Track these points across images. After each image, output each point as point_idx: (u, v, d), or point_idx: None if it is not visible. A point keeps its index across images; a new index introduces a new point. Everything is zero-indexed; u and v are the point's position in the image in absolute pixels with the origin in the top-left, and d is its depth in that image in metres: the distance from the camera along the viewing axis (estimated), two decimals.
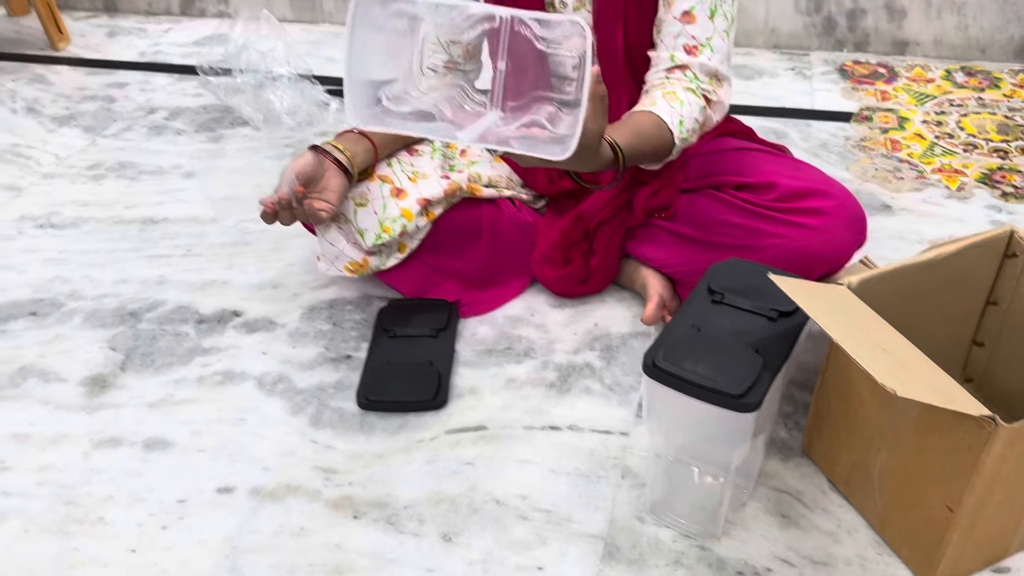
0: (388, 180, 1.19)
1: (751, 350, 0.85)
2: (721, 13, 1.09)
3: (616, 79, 1.15)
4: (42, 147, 1.78)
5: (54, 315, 1.31)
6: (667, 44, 1.10)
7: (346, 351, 1.22)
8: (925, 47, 1.93)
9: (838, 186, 1.13)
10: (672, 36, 1.10)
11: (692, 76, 1.09)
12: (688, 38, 1.09)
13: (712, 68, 1.10)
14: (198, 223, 1.52)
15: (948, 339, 1.05)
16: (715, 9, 1.09)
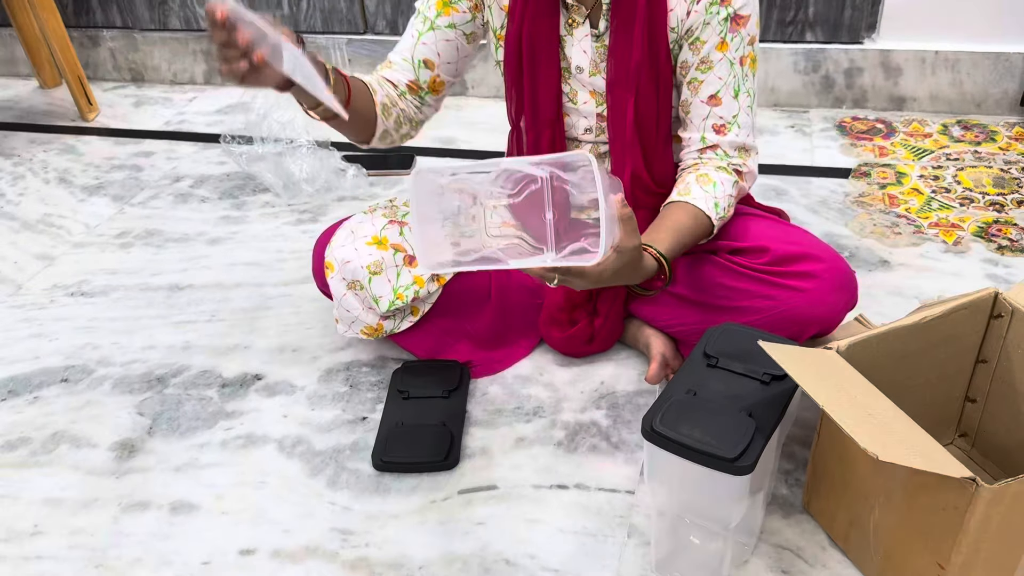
0: (401, 249, 1.24)
1: (744, 414, 0.89)
2: (744, 91, 1.17)
3: (623, 145, 1.21)
4: (73, 216, 1.86)
5: (85, 381, 1.38)
6: (697, 125, 1.19)
7: (362, 412, 1.27)
8: (922, 102, 1.99)
9: (828, 250, 1.18)
10: (701, 118, 1.18)
11: (723, 154, 1.19)
12: (716, 118, 1.17)
13: (740, 143, 1.18)
14: (222, 288, 1.58)
15: (941, 396, 1.09)
16: (739, 88, 1.16)
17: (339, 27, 2.29)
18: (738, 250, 1.20)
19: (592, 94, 1.22)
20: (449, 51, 1.24)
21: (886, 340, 0.98)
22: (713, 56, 1.15)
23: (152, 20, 2.41)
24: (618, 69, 1.17)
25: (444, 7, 1.21)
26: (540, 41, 1.18)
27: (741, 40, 1.14)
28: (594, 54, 1.19)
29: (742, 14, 1.13)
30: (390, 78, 1.25)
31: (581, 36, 1.18)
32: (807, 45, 1.99)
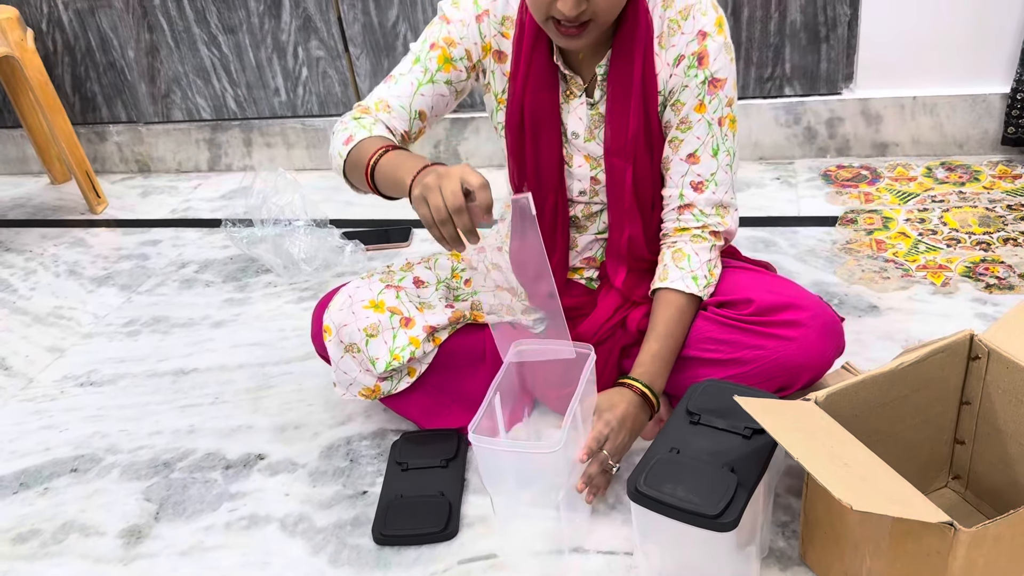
0: (397, 311, 1.27)
1: (727, 469, 0.91)
2: (724, 150, 1.21)
3: (622, 211, 1.26)
4: (82, 307, 1.92)
5: (94, 470, 1.41)
6: (676, 182, 1.23)
7: (362, 487, 1.29)
8: (904, 147, 2.02)
9: (812, 298, 1.20)
10: (680, 175, 1.23)
11: (698, 214, 1.23)
12: (694, 176, 1.22)
13: (717, 200, 1.23)
14: (225, 370, 1.62)
15: (930, 439, 1.10)
16: (717, 148, 1.21)
17: (335, 110, 2.37)
18: (724, 303, 1.23)
19: (587, 158, 1.26)
20: (440, 105, 1.27)
21: (865, 388, 1.00)
22: (692, 117, 1.19)
23: (156, 113, 2.50)
24: (615, 139, 1.21)
25: (445, 63, 1.23)
26: (542, 113, 1.22)
27: (719, 102, 1.19)
28: (589, 121, 1.24)
29: (719, 77, 1.17)
30: (389, 124, 1.24)
31: (577, 104, 1.23)
32: (787, 99, 2.04)
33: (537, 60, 1.19)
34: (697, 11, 1.15)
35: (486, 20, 1.22)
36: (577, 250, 1.36)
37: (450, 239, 1.01)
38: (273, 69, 2.33)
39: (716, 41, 1.16)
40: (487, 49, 1.24)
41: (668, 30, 1.17)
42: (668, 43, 1.17)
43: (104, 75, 2.48)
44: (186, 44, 2.35)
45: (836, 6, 1.92)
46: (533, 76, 1.20)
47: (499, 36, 1.23)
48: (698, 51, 1.16)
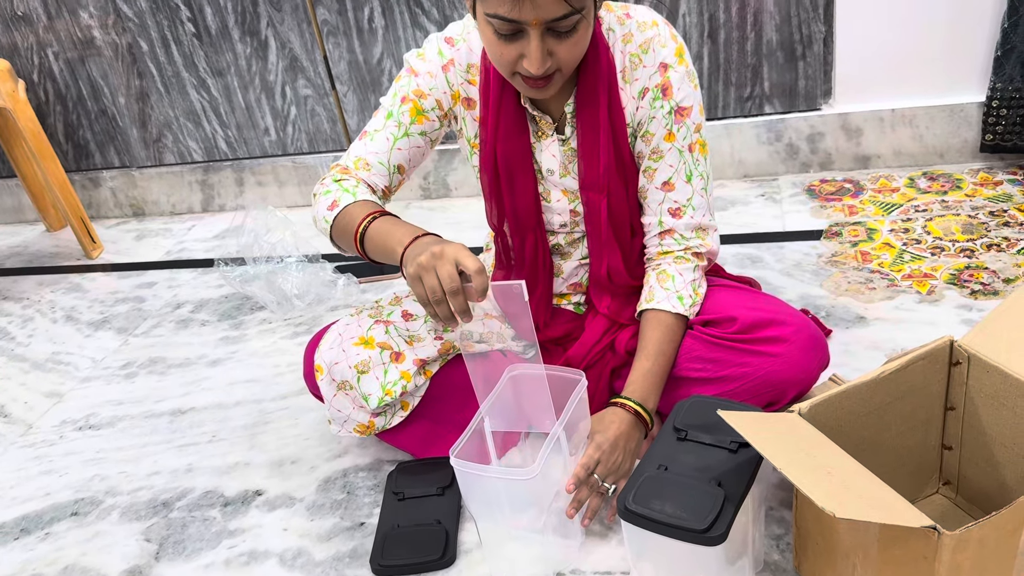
0: (387, 347, 1.29)
1: (714, 484, 0.92)
2: (697, 174, 1.24)
3: (600, 243, 1.28)
4: (80, 352, 1.93)
5: (94, 513, 1.42)
6: (654, 210, 1.26)
7: (360, 518, 1.30)
8: (886, 159, 2.05)
9: (795, 313, 1.22)
10: (657, 203, 1.26)
11: (680, 238, 1.26)
12: (671, 203, 1.25)
13: (696, 223, 1.26)
14: (222, 408, 1.63)
15: (918, 446, 1.11)
16: (691, 173, 1.24)
17: (324, 146, 2.40)
18: (708, 322, 1.25)
19: (564, 192, 1.28)
20: (416, 156, 1.30)
21: (848, 398, 1.01)
22: (663, 146, 1.22)
23: (148, 157, 2.54)
24: (588, 173, 1.24)
25: (418, 115, 1.26)
26: (515, 157, 1.25)
27: (688, 129, 1.21)
28: (563, 157, 1.26)
29: (684, 106, 1.20)
30: (370, 182, 1.27)
31: (549, 143, 1.26)
32: (767, 117, 2.07)
33: (506, 106, 1.21)
34: (656, 44, 1.18)
35: (452, 69, 1.24)
36: (563, 277, 1.38)
37: (444, 318, 1.04)
38: (262, 109, 2.37)
39: (678, 71, 1.19)
40: (456, 97, 1.26)
41: (630, 64, 1.19)
42: (631, 77, 1.20)
43: (96, 122, 2.51)
44: (176, 89, 2.39)
45: (811, 24, 1.95)
46: (503, 122, 1.22)
47: (466, 83, 1.25)
48: (661, 83, 1.18)
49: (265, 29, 2.25)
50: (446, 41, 1.25)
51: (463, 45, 1.24)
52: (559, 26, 1.03)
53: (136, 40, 2.34)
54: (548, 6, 1.00)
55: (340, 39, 2.22)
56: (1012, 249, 1.66)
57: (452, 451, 1.05)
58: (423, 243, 1.06)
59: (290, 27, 2.23)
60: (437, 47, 1.25)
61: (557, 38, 1.05)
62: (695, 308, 1.26)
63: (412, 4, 2.13)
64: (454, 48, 1.24)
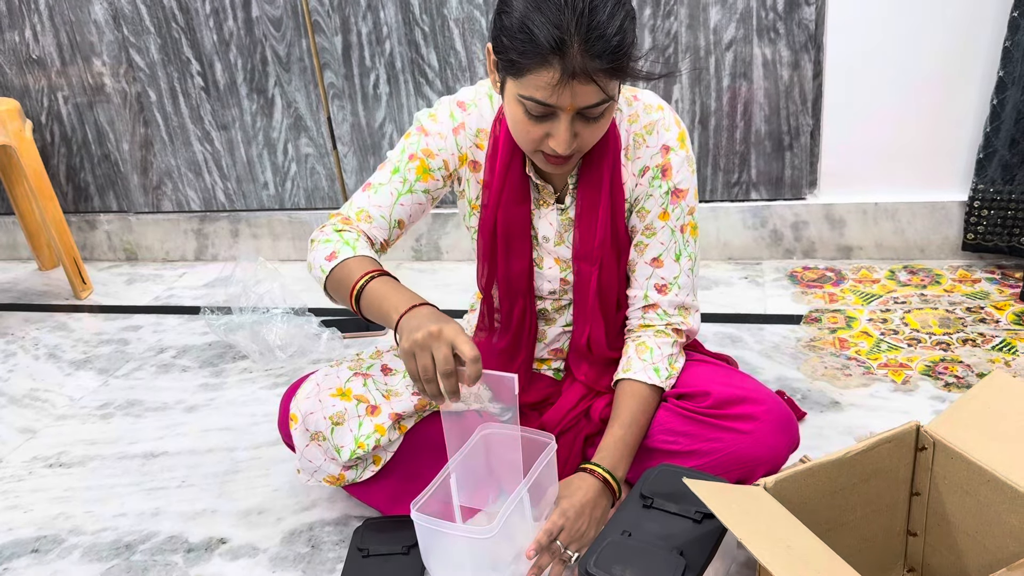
0: (364, 399, 1.29)
1: (676, 553, 0.92)
2: (686, 255, 1.28)
3: (585, 313, 1.31)
4: (58, 390, 1.93)
5: (55, 551, 1.40)
6: (641, 283, 1.29)
7: (321, 573, 1.28)
8: (868, 250, 2.09)
9: (767, 393, 1.24)
10: (645, 277, 1.29)
11: (662, 314, 1.29)
12: (658, 279, 1.28)
13: (680, 302, 1.29)
14: (195, 455, 1.62)
15: (882, 530, 1.11)
16: (680, 253, 1.27)
17: (321, 204, 2.44)
18: (682, 395, 1.26)
19: (557, 261, 1.31)
20: (417, 213, 1.31)
21: (814, 475, 1.02)
22: (656, 224, 1.25)
23: (146, 204, 2.58)
24: (583, 245, 1.27)
25: (424, 174, 1.28)
26: (515, 224, 1.28)
27: (681, 211, 1.25)
28: (559, 226, 1.29)
29: (681, 188, 1.24)
30: (370, 234, 1.28)
31: (548, 211, 1.29)
32: (753, 203, 2.12)
33: (512, 173, 1.24)
34: (661, 127, 1.23)
35: (462, 132, 1.28)
36: (546, 342, 1.40)
37: (432, 395, 1.06)
38: (263, 164, 2.42)
39: (679, 155, 1.23)
40: (463, 159, 1.29)
41: (634, 143, 1.24)
42: (634, 155, 1.24)
43: (98, 166, 2.56)
44: (180, 139, 2.45)
45: (799, 117, 2.02)
46: (508, 188, 1.25)
47: (474, 147, 1.29)
48: (662, 164, 1.23)
49: (272, 88, 2.31)
50: (458, 105, 1.28)
51: (475, 111, 1.27)
52: (590, 112, 1.06)
53: (145, 89, 2.41)
54: (585, 95, 1.03)
55: (345, 102, 2.28)
56: (987, 345, 1.69)
57: (414, 505, 1.05)
58: (420, 316, 1.07)
59: (297, 87, 2.30)
60: (450, 110, 1.28)
61: (585, 122, 1.08)
62: (671, 381, 1.27)
63: (416, 74, 2.20)
64: (466, 112, 1.28)
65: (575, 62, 1.00)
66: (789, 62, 1.98)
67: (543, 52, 1.00)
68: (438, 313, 1.10)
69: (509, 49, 1.03)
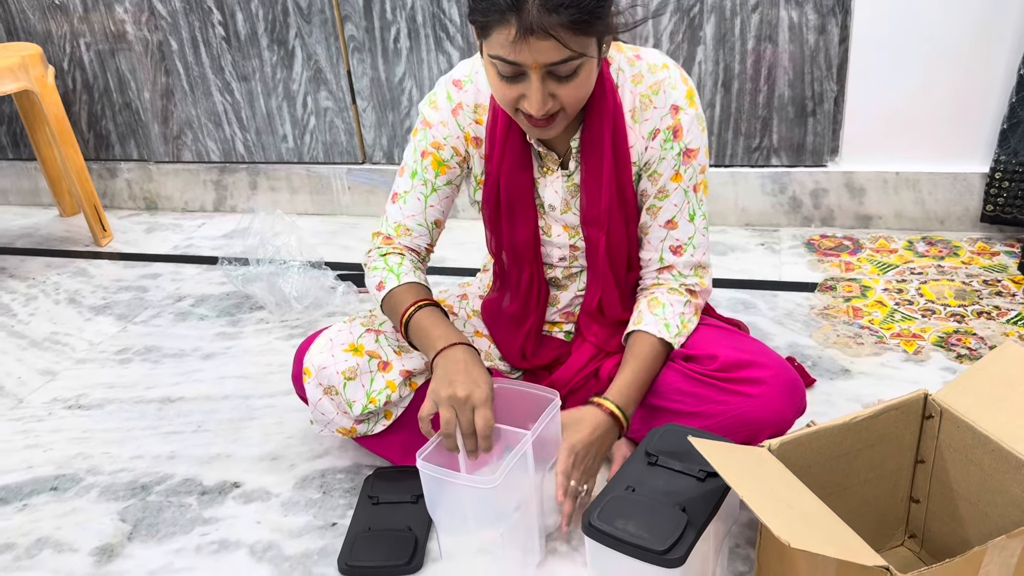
0: (376, 355, 1.31)
1: (678, 509, 0.94)
2: (699, 214, 1.28)
3: (596, 275, 1.31)
4: (78, 334, 1.96)
5: (73, 489, 1.43)
6: (655, 246, 1.30)
7: (332, 519, 1.31)
8: (887, 220, 2.08)
9: (775, 357, 1.24)
10: (659, 240, 1.29)
11: (677, 275, 1.30)
12: (673, 240, 1.28)
13: (695, 261, 1.29)
14: (210, 400, 1.65)
15: (885, 496, 1.12)
16: (693, 213, 1.27)
17: (339, 158, 2.44)
18: (690, 357, 1.27)
19: (565, 228, 1.31)
20: (448, 204, 1.35)
21: (818, 439, 1.03)
22: (669, 186, 1.25)
23: (167, 153, 2.59)
24: (590, 210, 1.27)
25: (440, 167, 1.30)
26: (517, 192, 1.28)
27: (694, 170, 1.25)
28: (565, 193, 1.29)
29: (692, 148, 1.24)
30: (414, 247, 1.34)
31: (553, 179, 1.29)
32: (773, 169, 2.10)
33: (512, 142, 1.25)
34: (668, 86, 1.21)
35: (460, 112, 1.28)
36: (558, 306, 1.40)
37: (449, 448, 1.13)
38: (282, 116, 2.42)
39: (688, 114, 1.22)
40: (468, 138, 1.30)
41: (640, 105, 1.22)
42: (641, 117, 1.23)
43: (119, 114, 2.57)
44: (200, 89, 2.45)
45: (823, 83, 2.00)
46: (508, 157, 1.25)
47: (473, 123, 1.29)
48: (672, 125, 1.22)
49: (293, 39, 2.31)
50: (454, 84, 1.28)
51: (471, 87, 1.27)
52: (559, 70, 1.06)
53: (167, 38, 2.40)
54: (546, 51, 1.03)
55: (365, 56, 2.27)
56: (1002, 318, 1.68)
57: (419, 454, 1.07)
58: (454, 363, 1.15)
59: (318, 40, 2.29)
60: (446, 91, 1.28)
61: (558, 81, 1.07)
62: (680, 339, 1.28)
63: (438, 28, 2.19)
64: (462, 91, 1.28)
65: (531, 17, 1.00)
66: (815, 26, 1.95)
67: (501, 9, 1.01)
68: (471, 363, 1.16)
69: (474, 10, 1.06)
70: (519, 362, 1.41)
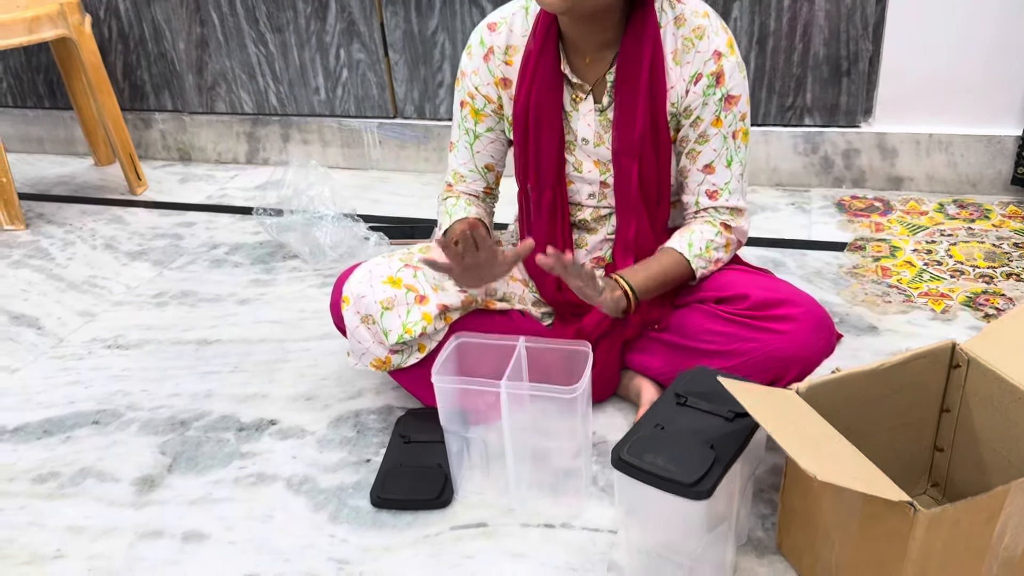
0: (413, 289, 1.33)
1: (706, 446, 0.96)
2: (737, 160, 1.30)
3: (628, 206, 1.33)
4: (115, 278, 2.01)
5: (114, 424, 1.48)
6: (692, 190, 1.33)
7: (366, 455, 1.35)
8: (919, 182, 2.07)
9: (805, 296, 1.26)
10: (696, 184, 1.32)
11: (714, 213, 1.33)
12: (709, 185, 1.31)
13: (731, 205, 1.32)
14: (246, 343, 1.69)
15: (909, 445, 1.14)
16: (731, 159, 1.29)
17: (371, 112, 2.46)
18: (722, 299, 1.30)
19: (596, 163, 1.33)
20: (497, 149, 1.41)
21: (846, 384, 1.05)
22: (710, 131, 1.27)
23: (200, 104, 2.61)
24: (622, 140, 1.29)
25: (477, 116, 1.37)
26: (545, 112, 1.30)
27: (734, 117, 1.27)
28: (598, 127, 1.31)
29: (734, 94, 1.25)
30: (471, 191, 1.42)
31: (586, 111, 1.31)
32: (806, 128, 2.10)
33: (544, 63, 1.28)
34: (711, 32, 1.24)
35: (492, 57, 1.32)
36: (587, 249, 1.42)
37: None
38: (315, 69, 2.44)
39: (730, 60, 1.24)
40: (497, 82, 1.34)
41: (683, 47, 1.24)
42: (683, 60, 1.25)
43: (154, 64, 2.59)
44: (235, 40, 2.47)
45: (859, 42, 1.98)
46: (540, 76, 1.28)
47: (503, 65, 1.33)
48: (715, 70, 1.24)
49: None
50: (488, 28, 1.32)
51: (504, 28, 1.31)
52: None
53: None
54: None
55: (398, 8, 2.28)
56: None
57: (434, 368, 1.14)
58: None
59: None
60: (480, 37, 1.33)
61: None
62: (701, 262, 1.30)
63: None
64: (495, 33, 1.31)
65: None
66: None
67: None
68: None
69: None
70: (553, 295, 1.43)
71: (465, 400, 1.28)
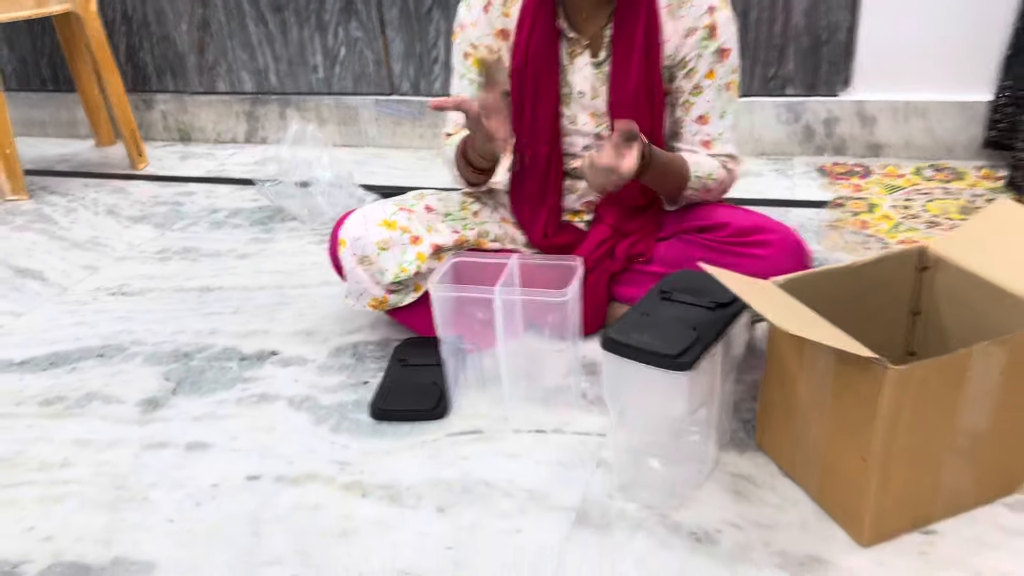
0: (407, 230, 1.39)
1: (689, 327, 1.02)
2: (730, 111, 1.37)
3: None
4: (118, 238, 2.06)
5: (119, 356, 1.53)
6: (687, 140, 1.39)
7: (365, 378, 1.40)
8: (896, 149, 2.15)
9: (781, 225, 1.33)
10: (691, 134, 1.39)
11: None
12: (704, 135, 1.38)
13: (726, 152, 1.39)
14: (247, 290, 1.75)
15: (880, 350, 1.19)
16: (724, 110, 1.36)
17: (368, 88, 2.53)
18: (704, 228, 1.36)
19: (591, 116, 1.40)
20: None
21: (820, 279, 1.11)
22: (703, 83, 1.34)
23: (201, 84, 2.68)
24: (617, 92, 1.36)
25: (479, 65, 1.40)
26: (542, 68, 1.37)
27: (727, 69, 1.34)
28: (594, 80, 1.38)
29: (726, 47, 1.33)
30: None
31: (582, 64, 1.38)
32: (788, 98, 2.18)
33: (541, 18, 1.34)
34: None
35: (491, 8, 1.38)
36: (578, 194, 1.49)
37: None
38: (314, 47, 2.51)
39: (724, 14, 1.32)
40: (496, 33, 1.40)
41: (678, 2, 1.31)
42: (678, 14, 1.32)
43: (156, 46, 2.66)
44: (236, 20, 2.54)
45: (836, 13, 2.07)
46: (537, 31, 1.35)
47: (501, 17, 1.39)
48: (709, 23, 1.31)
49: None
50: None
51: None
52: None
53: None
54: None
55: None
56: None
57: (431, 280, 1.21)
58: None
59: None
60: None
61: None
62: (697, 182, 1.36)
63: None
64: None
65: None
66: None
67: None
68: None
69: None
70: (541, 241, 1.49)
71: (460, 323, 1.34)
